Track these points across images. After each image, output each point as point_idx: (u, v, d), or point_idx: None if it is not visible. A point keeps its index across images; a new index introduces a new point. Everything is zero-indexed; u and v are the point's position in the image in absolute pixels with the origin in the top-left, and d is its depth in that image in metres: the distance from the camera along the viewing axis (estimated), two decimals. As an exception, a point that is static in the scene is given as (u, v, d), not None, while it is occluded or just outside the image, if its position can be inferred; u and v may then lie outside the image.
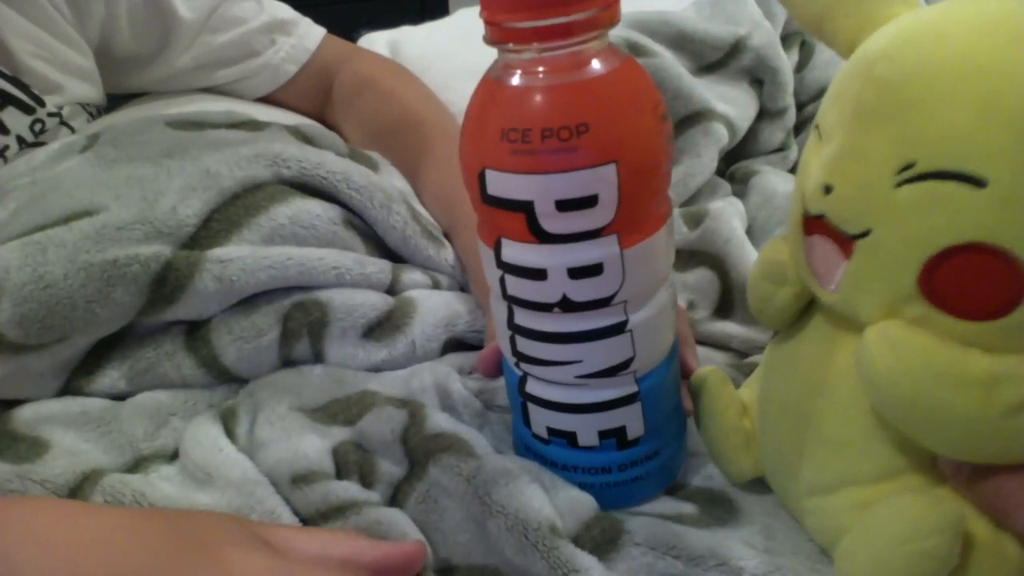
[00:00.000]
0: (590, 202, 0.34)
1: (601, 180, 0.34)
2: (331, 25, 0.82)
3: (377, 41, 0.96)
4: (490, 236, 0.38)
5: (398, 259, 0.57)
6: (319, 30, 0.81)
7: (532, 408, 0.41)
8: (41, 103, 0.66)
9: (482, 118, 0.36)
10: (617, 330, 0.38)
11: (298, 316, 0.50)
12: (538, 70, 0.34)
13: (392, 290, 0.54)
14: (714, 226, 0.62)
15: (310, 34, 0.80)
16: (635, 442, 0.41)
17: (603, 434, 0.41)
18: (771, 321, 0.40)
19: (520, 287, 0.37)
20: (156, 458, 0.46)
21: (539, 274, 0.36)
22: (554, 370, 0.39)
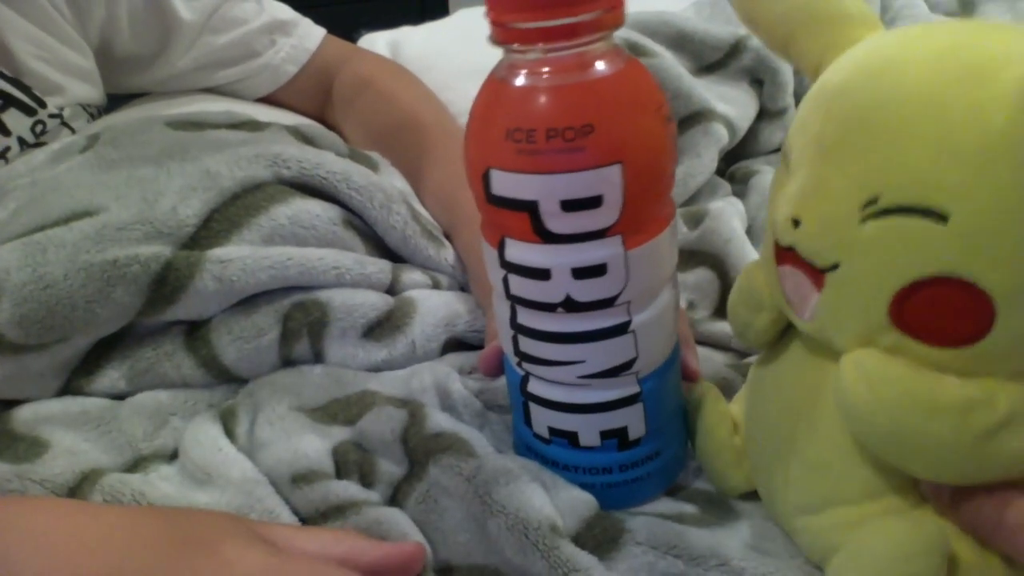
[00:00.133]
0: (595, 202, 0.34)
1: (606, 181, 0.34)
2: (331, 25, 0.82)
3: (377, 41, 0.96)
4: (494, 236, 0.38)
5: (398, 259, 0.57)
6: (319, 30, 0.81)
7: (534, 408, 0.41)
8: (42, 104, 0.66)
9: (487, 118, 0.36)
10: (620, 331, 0.38)
11: (298, 316, 0.50)
12: (543, 70, 0.34)
13: (392, 290, 0.54)
14: (714, 226, 0.62)
15: (310, 34, 0.80)
16: (636, 443, 0.41)
17: (604, 434, 0.41)
18: (752, 344, 0.41)
19: (523, 287, 0.37)
20: (156, 458, 0.46)
21: (543, 274, 0.36)
22: (556, 370, 0.39)
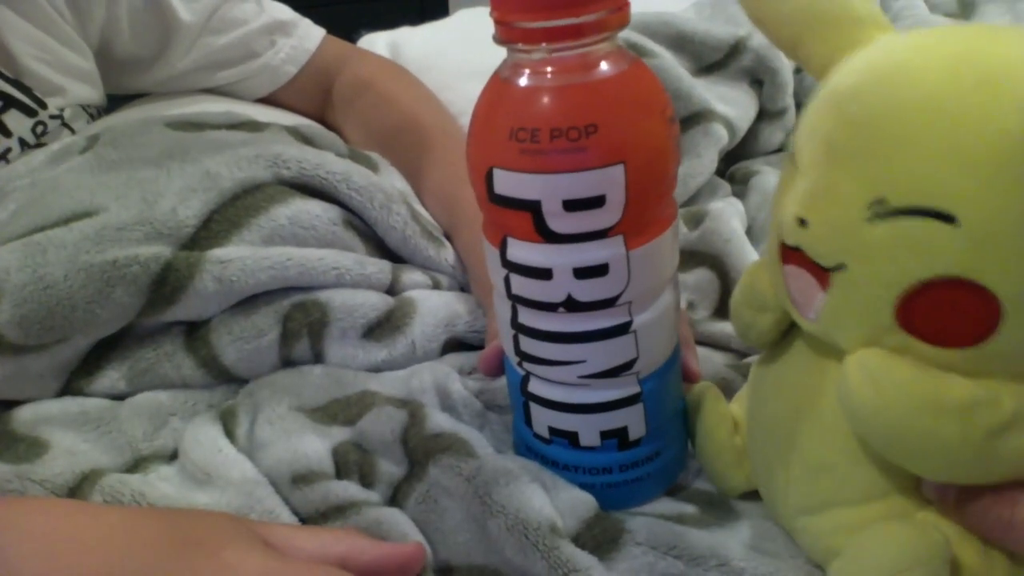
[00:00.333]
0: (597, 202, 0.34)
1: (609, 181, 0.34)
2: (331, 26, 0.82)
3: (377, 42, 0.96)
4: (496, 235, 0.38)
5: (398, 259, 0.57)
6: (319, 31, 0.81)
7: (534, 408, 0.41)
8: (43, 105, 0.66)
9: (490, 117, 0.36)
10: (621, 331, 0.38)
11: (298, 316, 0.50)
12: (547, 70, 0.34)
13: (392, 290, 0.54)
14: (714, 226, 0.62)
15: (310, 35, 0.80)
16: (636, 443, 0.41)
17: (605, 434, 0.41)
18: (754, 344, 0.41)
19: (525, 286, 0.37)
20: (155, 458, 0.46)
21: (544, 274, 0.36)
22: (557, 370, 0.39)
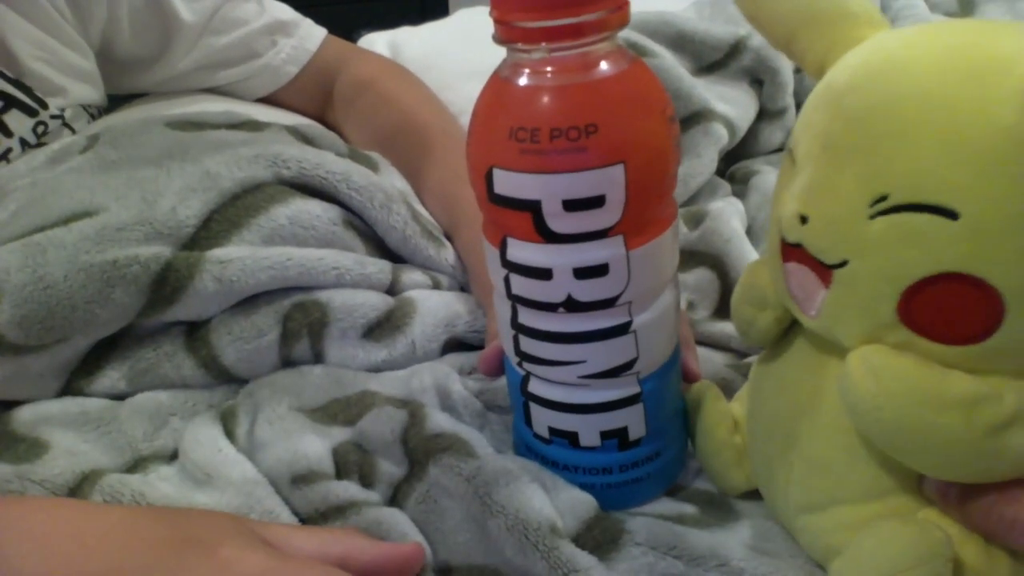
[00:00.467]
0: (597, 202, 0.34)
1: (609, 180, 0.34)
2: (331, 26, 0.82)
3: (377, 42, 0.96)
4: (496, 235, 0.38)
5: (398, 259, 0.57)
6: (320, 31, 0.81)
7: (534, 408, 0.41)
8: (44, 105, 0.66)
9: (490, 117, 0.36)
10: (621, 331, 0.38)
11: (298, 316, 0.50)
12: (547, 70, 0.34)
13: (392, 290, 0.54)
14: (714, 226, 0.62)
15: (311, 35, 0.80)
16: (637, 443, 0.41)
17: (605, 434, 0.41)
18: (754, 343, 0.41)
19: (525, 286, 0.37)
20: (155, 458, 0.46)
21: (544, 274, 0.36)
22: (557, 370, 0.39)
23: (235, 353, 0.49)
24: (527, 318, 0.39)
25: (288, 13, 0.80)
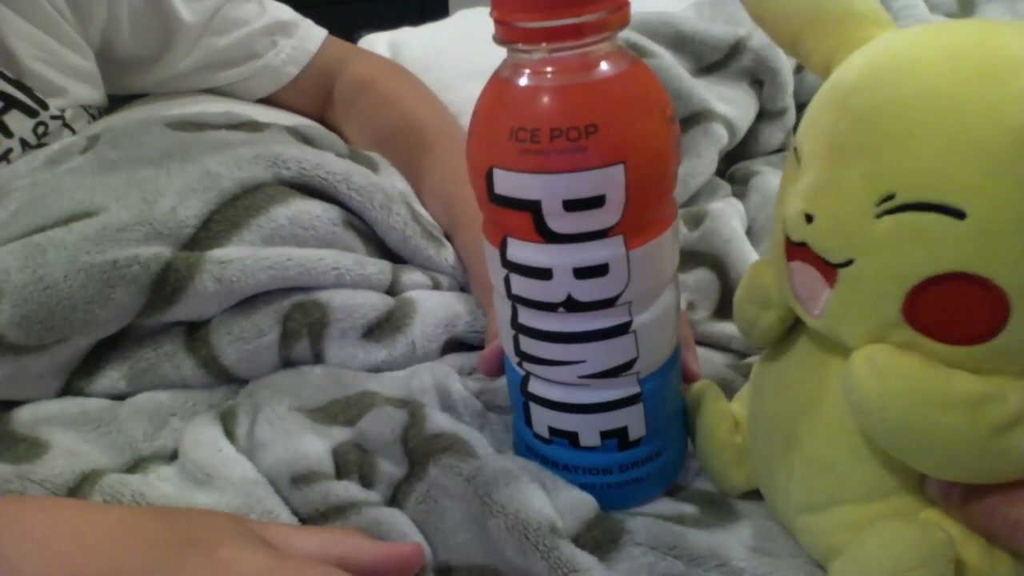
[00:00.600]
0: (597, 202, 0.34)
1: (609, 181, 0.34)
2: (331, 26, 0.82)
3: (377, 42, 0.96)
4: (496, 235, 0.38)
5: (398, 259, 0.57)
6: (320, 32, 0.81)
7: (534, 408, 0.41)
8: (44, 106, 0.66)
9: (491, 117, 0.36)
10: (621, 331, 0.38)
11: (298, 317, 0.50)
12: (547, 70, 0.34)
13: (392, 290, 0.54)
14: (714, 227, 0.62)
15: (311, 36, 0.80)
16: (636, 443, 0.41)
17: (605, 434, 0.41)
18: (757, 342, 0.41)
19: (525, 286, 0.37)
20: (155, 458, 0.46)
21: (544, 274, 0.36)
22: (557, 370, 0.39)
23: (235, 353, 0.49)
24: (527, 318, 0.39)
25: (288, 14, 0.80)
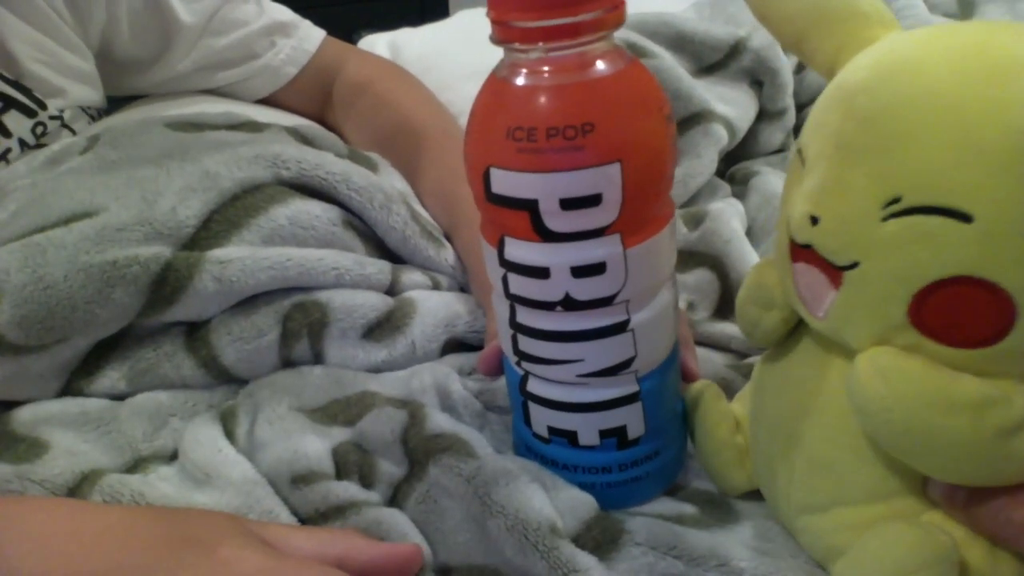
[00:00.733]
0: (594, 201, 0.34)
1: (605, 179, 0.34)
2: (331, 27, 0.82)
3: (377, 43, 0.96)
4: (493, 235, 0.38)
5: (398, 260, 0.57)
6: (319, 32, 0.81)
7: (533, 407, 0.41)
8: (43, 106, 0.66)
9: (488, 116, 0.36)
10: (619, 329, 0.38)
11: (298, 317, 0.50)
12: (544, 69, 0.34)
13: (392, 291, 0.54)
14: (714, 227, 0.62)
15: (310, 36, 0.80)
16: (636, 442, 0.41)
17: (604, 433, 0.41)
18: (759, 343, 0.41)
19: (523, 285, 0.37)
20: (155, 459, 0.46)
21: (542, 272, 0.36)
22: (555, 369, 0.39)
23: (235, 353, 0.49)
24: (525, 317, 0.39)
25: (287, 14, 0.80)
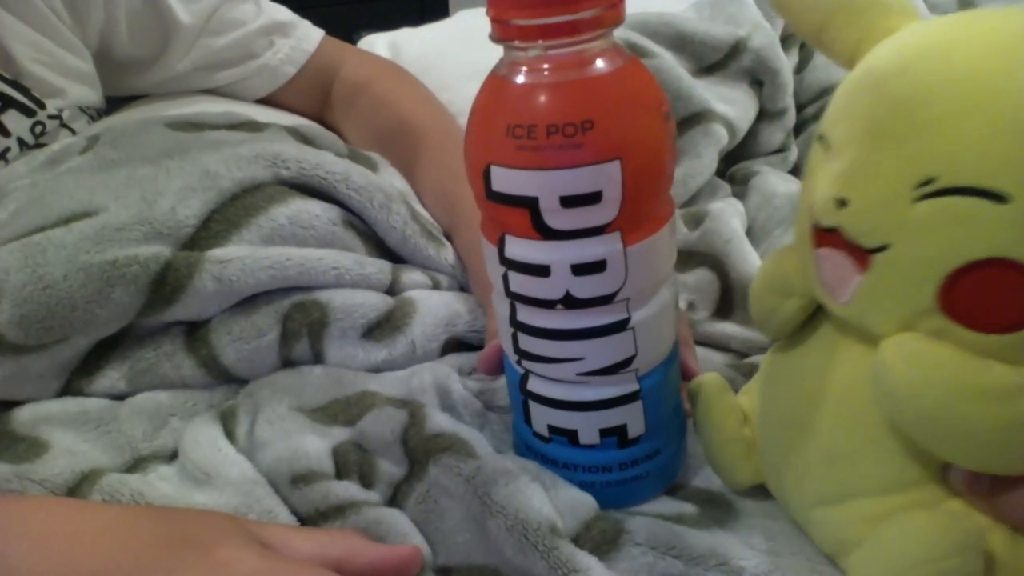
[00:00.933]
0: (594, 199, 0.34)
1: (605, 177, 0.34)
2: (331, 27, 0.82)
3: (377, 43, 0.96)
4: (494, 233, 0.38)
5: (398, 259, 0.57)
6: (318, 32, 0.81)
7: (533, 406, 0.41)
8: (42, 106, 0.66)
9: (488, 114, 0.36)
10: (619, 327, 0.38)
11: (298, 316, 0.50)
12: (543, 67, 0.34)
13: (392, 290, 0.54)
14: (714, 227, 0.62)
15: (308, 36, 0.80)
16: (636, 441, 0.41)
17: (604, 432, 0.41)
18: (774, 332, 0.40)
19: (523, 284, 0.37)
20: (155, 458, 0.46)
21: (542, 270, 0.36)
22: (556, 367, 0.39)
23: (235, 353, 0.49)
24: (526, 315, 0.39)
25: (285, 14, 0.80)
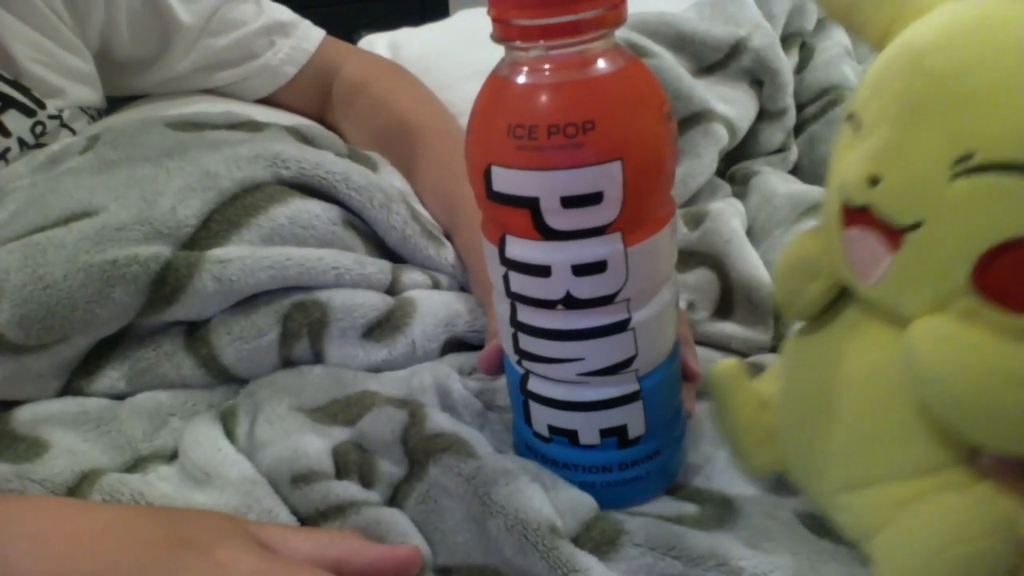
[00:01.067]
0: (595, 199, 0.34)
1: (606, 177, 0.34)
2: (331, 27, 0.82)
3: (377, 43, 0.96)
4: (494, 233, 0.38)
5: (398, 259, 0.57)
6: (318, 32, 0.81)
7: (533, 406, 0.41)
8: (42, 106, 0.66)
9: (489, 114, 0.36)
10: (620, 328, 0.38)
11: (298, 316, 0.50)
12: (545, 68, 0.34)
13: (392, 290, 0.54)
14: (714, 227, 0.62)
15: (309, 36, 0.80)
16: (636, 441, 0.41)
17: (604, 432, 0.41)
18: (799, 315, 0.40)
19: (524, 284, 0.37)
20: (155, 458, 0.46)
21: (543, 271, 0.36)
22: (556, 368, 0.39)
23: (235, 353, 0.49)
24: (526, 316, 0.39)
25: (286, 14, 0.80)
